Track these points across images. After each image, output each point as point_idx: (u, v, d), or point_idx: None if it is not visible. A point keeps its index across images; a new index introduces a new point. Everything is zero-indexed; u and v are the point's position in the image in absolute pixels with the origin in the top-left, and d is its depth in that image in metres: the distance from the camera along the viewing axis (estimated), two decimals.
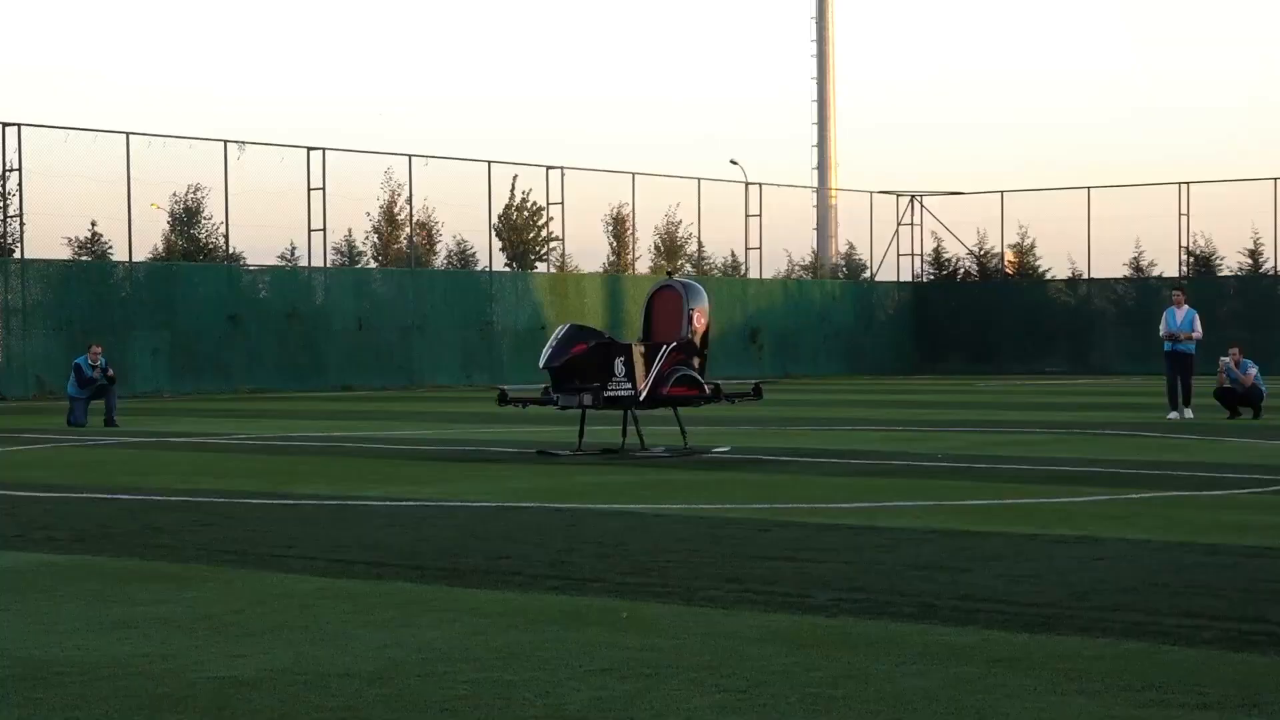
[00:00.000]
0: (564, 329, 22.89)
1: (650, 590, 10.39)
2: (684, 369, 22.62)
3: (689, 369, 22.69)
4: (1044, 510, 14.75)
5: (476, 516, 14.51)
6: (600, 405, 21.86)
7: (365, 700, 7.48)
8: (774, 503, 15.41)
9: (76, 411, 29.27)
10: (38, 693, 7.68)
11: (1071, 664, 8.10)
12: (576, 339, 22.26)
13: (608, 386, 21.86)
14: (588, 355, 21.91)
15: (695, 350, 22.84)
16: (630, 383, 22.07)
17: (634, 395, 22.08)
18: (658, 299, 23.38)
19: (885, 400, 38.40)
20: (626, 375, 22.10)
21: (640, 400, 22.14)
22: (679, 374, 22.59)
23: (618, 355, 22.27)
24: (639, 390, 22.12)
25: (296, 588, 10.63)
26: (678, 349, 22.68)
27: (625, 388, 22.04)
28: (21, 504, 15.89)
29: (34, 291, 42.63)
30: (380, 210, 52.65)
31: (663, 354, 22.54)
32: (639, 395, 22.13)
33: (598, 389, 21.72)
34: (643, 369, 22.16)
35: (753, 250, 60.45)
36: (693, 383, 22.66)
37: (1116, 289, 61.67)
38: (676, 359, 22.63)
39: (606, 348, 22.30)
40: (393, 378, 49.07)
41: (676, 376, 22.54)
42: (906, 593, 10.18)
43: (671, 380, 22.46)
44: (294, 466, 20.36)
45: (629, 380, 22.07)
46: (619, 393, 22.01)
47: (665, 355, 22.54)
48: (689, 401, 22.98)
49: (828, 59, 72.61)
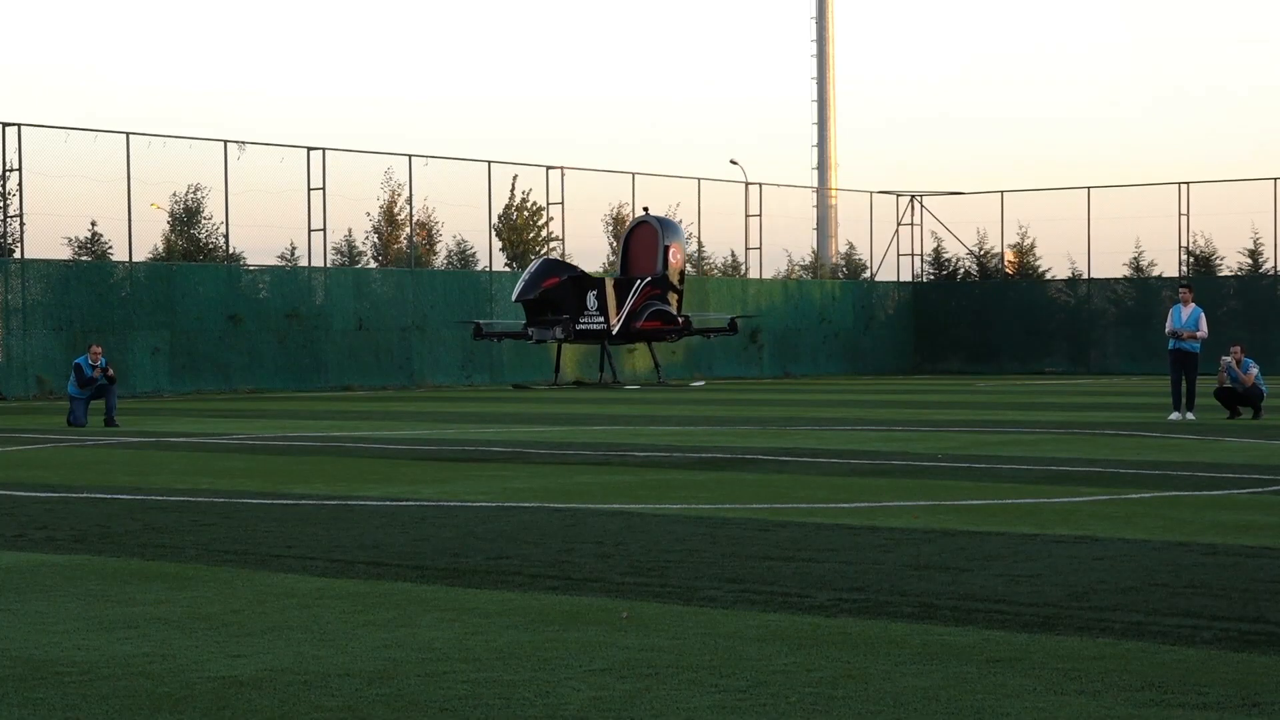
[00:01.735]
0: (537, 263, 23.02)
1: (650, 590, 10.40)
2: (657, 304, 22.65)
3: (663, 304, 22.70)
4: (1043, 510, 14.75)
5: (476, 516, 14.52)
6: (572, 338, 21.85)
7: (365, 700, 7.48)
8: (774, 503, 15.42)
9: (77, 411, 29.28)
10: (38, 693, 7.68)
11: (1071, 664, 8.11)
12: (549, 273, 22.30)
13: (580, 320, 21.86)
14: (560, 288, 21.95)
15: (670, 285, 22.86)
16: (603, 316, 22.07)
17: (607, 329, 22.07)
18: (635, 235, 23.42)
19: (885, 400, 38.39)
20: (599, 309, 22.11)
21: (613, 334, 22.14)
22: (652, 309, 22.63)
23: (590, 289, 22.29)
24: (612, 324, 22.12)
25: (296, 588, 10.64)
26: (652, 284, 22.72)
27: (598, 321, 22.06)
28: (21, 504, 15.89)
29: (34, 291, 42.64)
30: (380, 210, 52.64)
31: (636, 289, 22.59)
32: (612, 329, 22.13)
33: (567, 321, 21.71)
34: (616, 303, 22.16)
35: (753, 250, 60.40)
36: (666, 317, 22.70)
37: (1116, 289, 61.67)
38: (650, 294, 22.67)
39: (579, 281, 22.34)
40: (392, 378, 49.06)
41: (650, 311, 22.57)
42: (906, 593, 10.18)
43: (645, 315, 22.48)
44: (294, 466, 20.36)
45: (601, 314, 22.07)
46: (591, 326, 22.02)
47: (639, 290, 22.59)
48: (662, 335, 22.96)
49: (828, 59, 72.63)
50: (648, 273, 22.39)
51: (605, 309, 21.87)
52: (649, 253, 22.69)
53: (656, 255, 22.59)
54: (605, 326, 21.90)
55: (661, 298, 22.53)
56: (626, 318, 22.10)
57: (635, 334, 22.34)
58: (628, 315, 22.10)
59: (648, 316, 22.32)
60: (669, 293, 22.57)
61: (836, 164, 72.50)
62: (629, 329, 22.19)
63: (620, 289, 22.24)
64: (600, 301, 21.90)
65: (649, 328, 22.40)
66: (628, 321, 22.14)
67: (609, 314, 21.85)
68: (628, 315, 22.10)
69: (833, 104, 72.81)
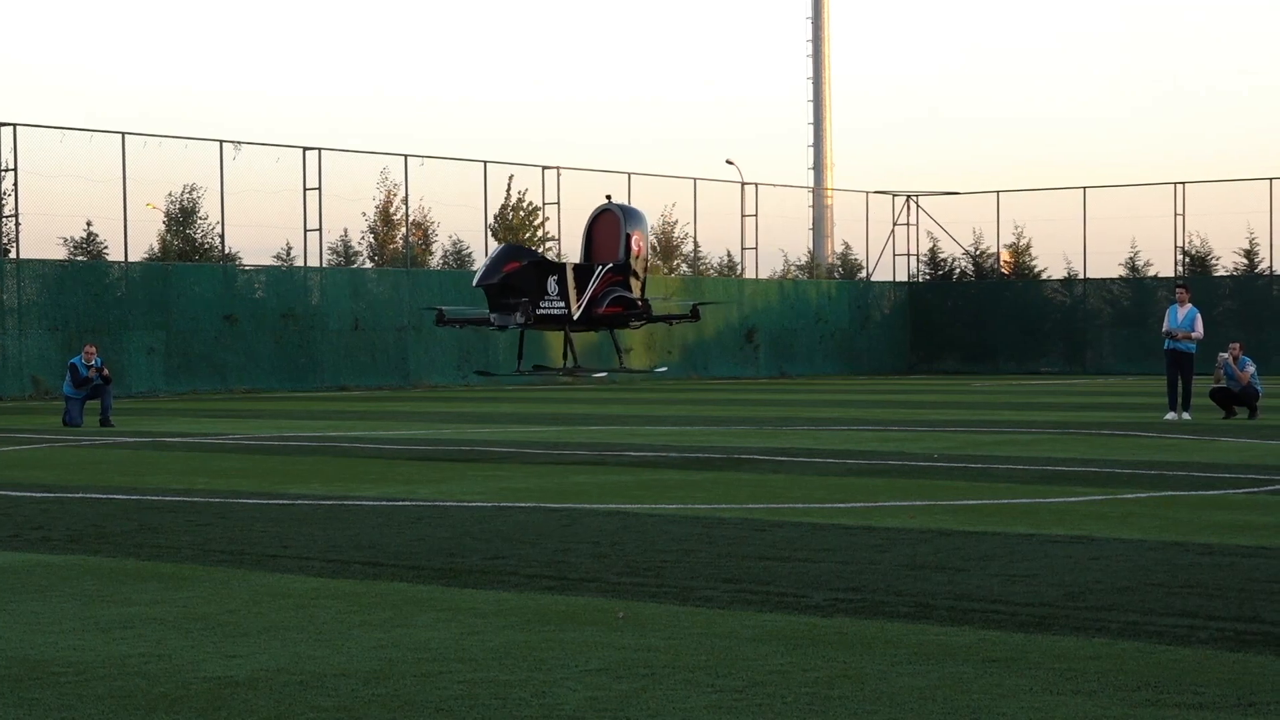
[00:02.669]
0: (498, 249, 23.10)
1: (646, 590, 10.39)
2: (619, 290, 22.72)
3: (624, 290, 22.78)
4: (1039, 510, 14.75)
5: (472, 516, 14.51)
6: (532, 323, 21.90)
7: (361, 700, 7.48)
8: (770, 503, 15.41)
9: (72, 411, 29.26)
10: (33, 693, 7.67)
11: (1067, 664, 8.11)
12: (510, 257, 22.34)
13: (540, 305, 21.91)
14: (521, 274, 21.99)
15: (631, 272, 22.96)
16: (564, 302, 22.12)
17: (567, 314, 22.15)
18: (598, 223, 23.53)
19: (881, 400, 38.41)
20: (560, 294, 22.15)
21: (574, 319, 22.22)
22: (613, 295, 22.69)
23: (551, 274, 22.35)
24: (572, 310, 22.20)
25: (292, 588, 10.63)
26: (613, 270, 22.79)
27: (558, 306, 22.11)
28: (17, 504, 15.88)
29: (29, 291, 42.61)
30: (376, 210, 52.64)
31: (598, 274, 22.65)
32: (573, 314, 22.21)
33: (527, 305, 21.74)
34: (576, 289, 22.25)
35: (748, 250, 60.48)
36: (628, 304, 22.78)
37: (1112, 289, 61.70)
38: (612, 280, 22.74)
39: (540, 266, 22.38)
40: (388, 378, 49.07)
41: (611, 298, 22.65)
42: (902, 592, 10.18)
43: (606, 301, 22.56)
44: (289, 466, 20.35)
45: (562, 299, 22.12)
46: (552, 311, 22.08)
47: (600, 276, 22.65)
48: (623, 321, 23.07)
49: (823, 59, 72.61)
50: (610, 260, 22.50)
51: (566, 294, 21.96)
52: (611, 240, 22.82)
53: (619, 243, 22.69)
54: (566, 312, 21.97)
55: (624, 284, 22.61)
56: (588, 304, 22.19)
57: (597, 319, 22.45)
58: (589, 301, 22.19)
59: (609, 303, 22.41)
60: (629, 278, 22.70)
61: (832, 164, 72.49)
62: (590, 315, 22.29)
63: (581, 275, 22.36)
64: (561, 287, 21.98)
65: (610, 313, 22.51)
66: (589, 307, 22.23)
67: (570, 300, 21.94)
68: (589, 301, 22.19)
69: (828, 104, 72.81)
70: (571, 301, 22.17)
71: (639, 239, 23.14)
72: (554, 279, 22.25)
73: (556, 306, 22.07)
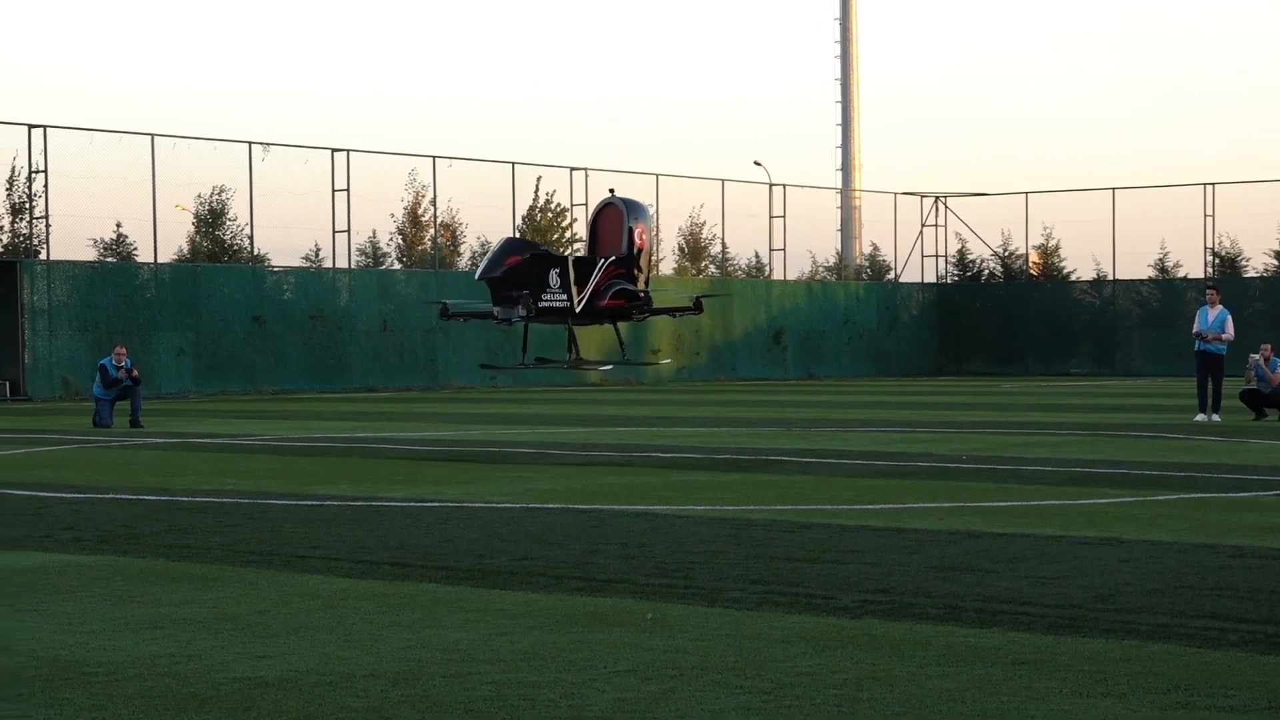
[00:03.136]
0: (501, 242, 23.17)
1: (674, 591, 10.39)
2: (621, 283, 22.81)
3: (626, 283, 22.86)
4: (1068, 512, 14.72)
5: (500, 517, 14.52)
6: (534, 315, 21.98)
7: (390, 701, 7.49)
8: (798, 504, 15.40)
9: (102, 412, 29.35)
10: (64, 693, 7.70)
11: (1097, 666, 8.09)
12: (512, 251, 22.43)
13: (542, 297, 21.98)
14: (523, 266, 22.06)
15: (635, 264, 23.05)
16: (565, 294, 22.19)
17: (569, 306, 22.22)
18: (602, 217, 23.62)
19: (909, 402, 38.35)
20: (562, 287, 22.22)
21: (576, 312, 22.31)
22: (615, 288, 22.79)
23: (553, 267, 22.42)
24: (575, 302, 22.27)
25: (321, 588, 10.65)
26: (616, 263, 22.86)
27: (560, 299, 22.18)
28: (47, 505, 15.93)
29: (60, 293, 42.75)
30: (404, 211, 52.73)
31: (600, 267, 22.75)
32: (575, 307, 22.29)
33: (527, 297, 21.80)
34: (579, 282, 22.35)
35: (776, 251, 60.44)
36: (630, 296, 22.85)
37: (1141, 290, 61.52)
38: (614, 273, 22.82)
39: (542, 259, 22.45)
40: (417, 379, 49.14)
41: (614, 290, 22.73)
42: (931, 594, 10.17)
43: (608, 294, 22.65)
44: (318, 467, 20.39)
45: (564, 292, 22.20)
46: (554, 303, 22.16)
47: (603, 269, 22.75)
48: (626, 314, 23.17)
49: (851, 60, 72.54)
50: (613, 253, 22.60)
51: (568, 287, 22.07)
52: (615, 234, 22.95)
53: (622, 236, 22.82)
54: (568, 304, 22.08)
55: (626, 277, 22.72)
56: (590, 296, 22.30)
57: (599, 312, 22.59)
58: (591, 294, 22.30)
59: (612, 295, 22.53)
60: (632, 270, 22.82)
61: (860, 165, 72.41)
62: (593, 307, 22.42)
63: (583, 268, 22.48)
64: (563, 280, 22.09)
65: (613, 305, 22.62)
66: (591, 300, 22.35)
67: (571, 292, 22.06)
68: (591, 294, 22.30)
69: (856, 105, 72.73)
70: (573, 294, 22.27)
71: (642, 232, 23.25)
72: (556, 272, 22.35)
73: (559, 299, 22.16)
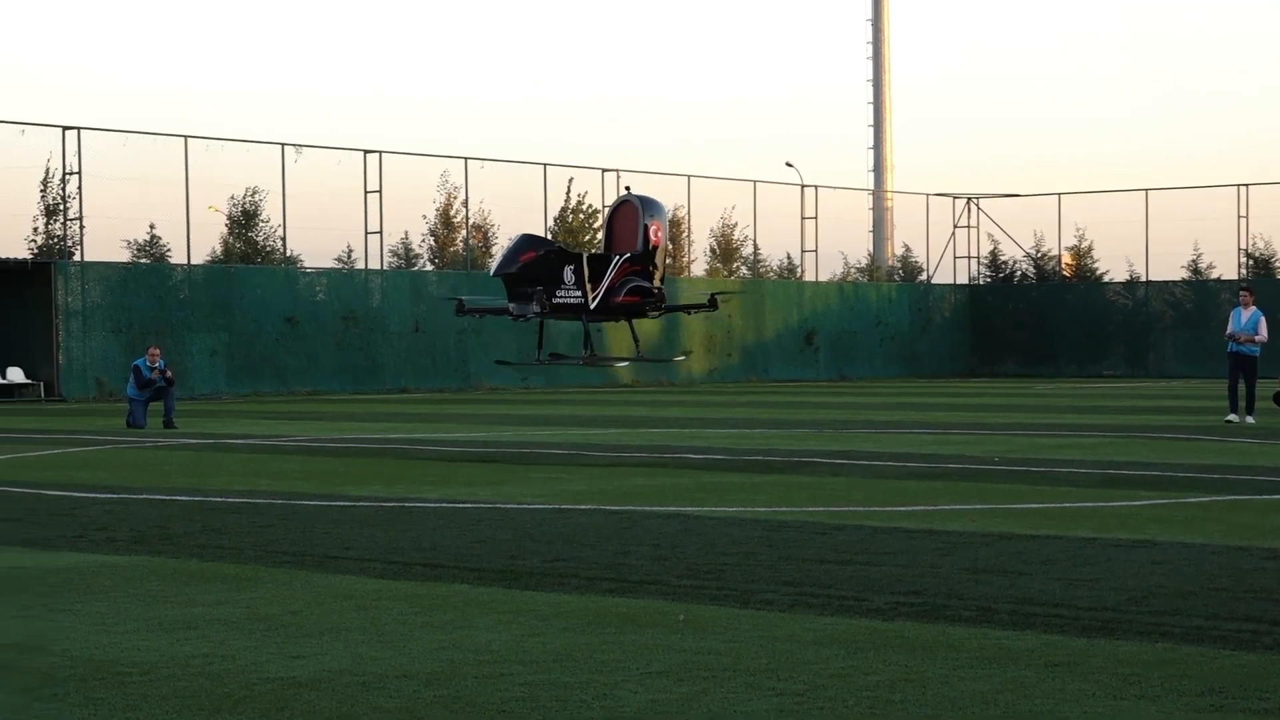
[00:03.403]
0: (516, 238, 23.25)
1: (707, 593, 10.39)
2: (636, 280, 22.88)
3: (641, 280, 22.93)
4: (1102, 514, 14.67)
5: (533, 518, 14.53)
6: (548, 311, 22.04)
7: (423, 701, 7.50)
8: (830, 505, 15.38)
9: (135, 413, 29.45)
10: (98, 693, 7.73)
11: (1130, 669, 8.07)
12: (527, 247, 22.51)
13: (556, 294, 22.05)
14: (537, 263, 22.15)
15: (650, 261, 23.11)
16: (580, 291, 22.26)
17: (584, 303, 22.29)
18: (618, 214, 23.71)
19: (941, 403, 38.28)
20: (576, 283, 22.29)
21: (591, 308, 22.38)
22: (630, 285, 22.85)
23: (568, 264, 22.49)
24: (589, 299, 22.34)
25: (354, 589, 10.67)
26: (631, 260, 22.92)
27: (575, 295, 22.25)
28: (82, 505, 15.99)
29: (94, 294, 42.93)
30: (437, 213, 52.84)
31: (615, 264, 22.81)
32: (589, 303, 22.36)
33: (541, 293, 21.86)
34: (593, 278, 22.42)
35: (808, 253, 60.42)
36: (645, 293, 22.91)
37: (1174, 291, 61.33)
38: (630, 270, 22.89)
39: (557, 256, 22.51)
40: (449, 380, 49.21)
41: (628, 287, 22.79)
42: (964, 596, 10.15)
43: (623, 290, 22.71)
44: (351, 468, 20.43)
45: (579, 288, 22.27)
46: (569, 300, 22.24)
47: (617, 266, 22.81)
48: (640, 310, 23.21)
49: (883, 61, 72.46)
50: (628, 250, 22.70)
51: (583, 283, 22.16)
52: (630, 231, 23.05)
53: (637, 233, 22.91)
54: (583, 300, 22.16)
55: (642, 274, 22.80)
56: (605, 293, 22.38)
57: (614, 308, 22.67)
58: (606, 290, 22.39)
59: (627, 292, 22.61)
60: (648, 268, 22.91)
61: (892, 166, 72.34)
62: (608, 304, 22.49)
63: (597, 264, 22.56)
64: (578, 276, 22.18)
65: (628, 302, 22.70)
66: (606, 297, 22.43)
67: (586, 289, 22.15)
68: (606, 290, 22.39)
69: (888, 106, 72.65)
70: (588, 291, 22.36)
71: (657, 229, 23.32)
72: (570, 268, 22.43)
73: (573, 295, 22.24)
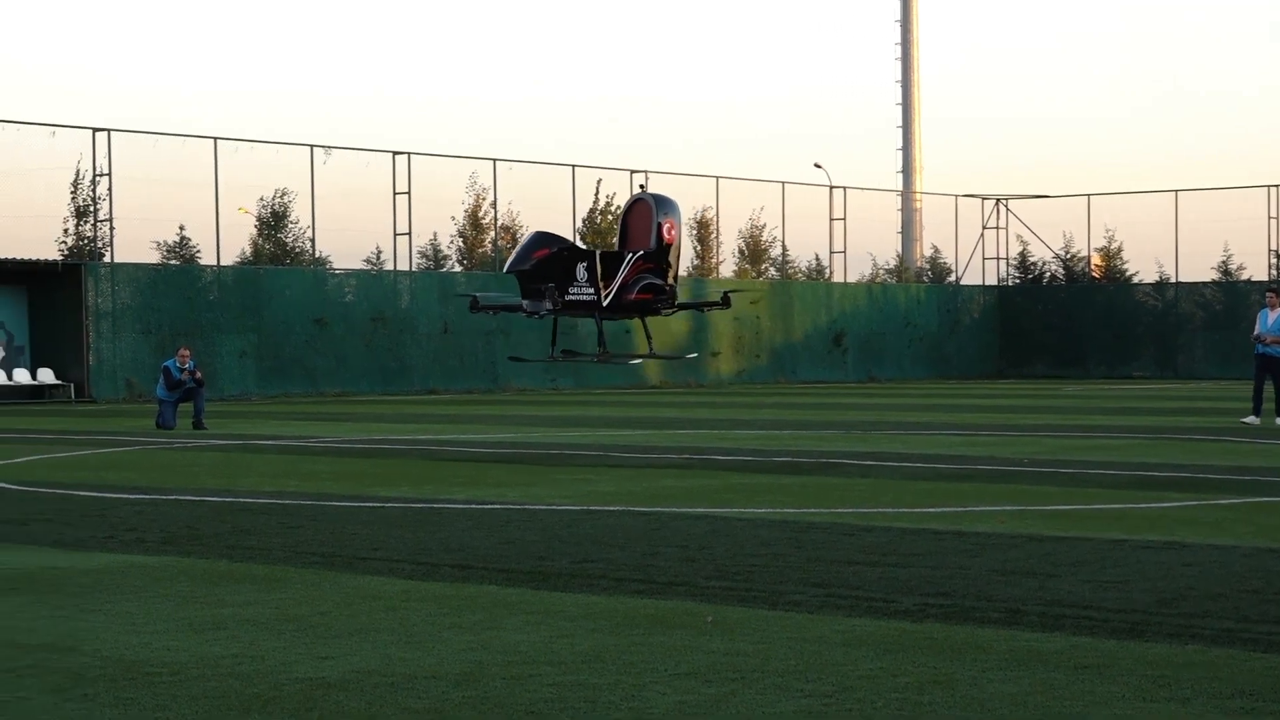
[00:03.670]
0: (529, 235, 23.35)
1: (735, 594, 10.38)
2: (649, 277, 22.96)
3: (654, 277, 23.00)
4: (1131, 515, 14.63)
5: (561, 520, 14.54)
6: (560, 307, 22.11)
7: (451, 702, 7.51)
8: (859, 507, 15.36)
9: (165, 414, 29.52)
10: (128, 693, 7.75)
11: (1160, 671, 8.04)
12: (540, 245, 22.59)
13: (569, 290, 22.13)
14: (550, 260, 22.22)
15: (663, 259, 23.18)
16: (593, 288, 22.33)
17: (596, 300, 22.37)
18: (632, 213, 23.79)
19: (970, 404, 38.22)
20: (589, 280, 22.36)
21: (603, 306, 22.46)
22: (643, 282, 22.93)
23: (581, 261, 22.57)
24: (602, 296, 22.42)
25: (383, 590, 10.69)
26: (644, 258, 22.99)
27: (588, 292, 22.33)
28: (111, 506, 16.04)
29: (123, 295, 43.06)
30: (465, 214, 52.90)
31: (628, 262, 22.90)
32: (602, 300, 22.44)
33: (553, 290, 21.93)
34: (606, 276, 22.50)
35: (837, 254, 60.34)
36: (658, 290, 22.97)
37: (1204, 293, 61.14)
38: (643, 268, 22.96)
39: (570, 253, 22.58)
40: (477, 381, 49.26)
41: (641, 285, 22.87)
42: (993, 598, 10.13)
43: (636, 288, 22.79)
44: (380, 469, 20.46)
45: (591, 285, 22.34)
46: (581, 297, 22.32)
47: (630, 263, 22.89)
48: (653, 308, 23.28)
49: (912, 62, 72.38)
50: (642, 248, 22.81)
51: (595, 281, 22.27)
52: (644, 229, 23.16)
53: (650, 231, 23.01)
54: (595, 298, 22.26)
55: (655, 272, 22.89)
56: (618, 290, 22.48)
57: (627, 305, 22.77)
58: (619, 288, 22.48)
59: (639, 289, 22.71)
60: (661, 265, 23.00)
61: (921, 167, 72.27)
62: (620, 301, 22.59)
63: (610, 262, 22.66)
64: (590, 274, 22.29)
65: (640, 300, 22.80)
66: (619, 294, 22.53)
67: (599, 286, 22.27)
68: (619, 288, 22.48)
69: (917, 107, 72.57)
70: (601, 288, 22.44)
71: (670, 226, 23.39)
72: (583, 265, 22.51)
73: (586, 293, 22.31)
